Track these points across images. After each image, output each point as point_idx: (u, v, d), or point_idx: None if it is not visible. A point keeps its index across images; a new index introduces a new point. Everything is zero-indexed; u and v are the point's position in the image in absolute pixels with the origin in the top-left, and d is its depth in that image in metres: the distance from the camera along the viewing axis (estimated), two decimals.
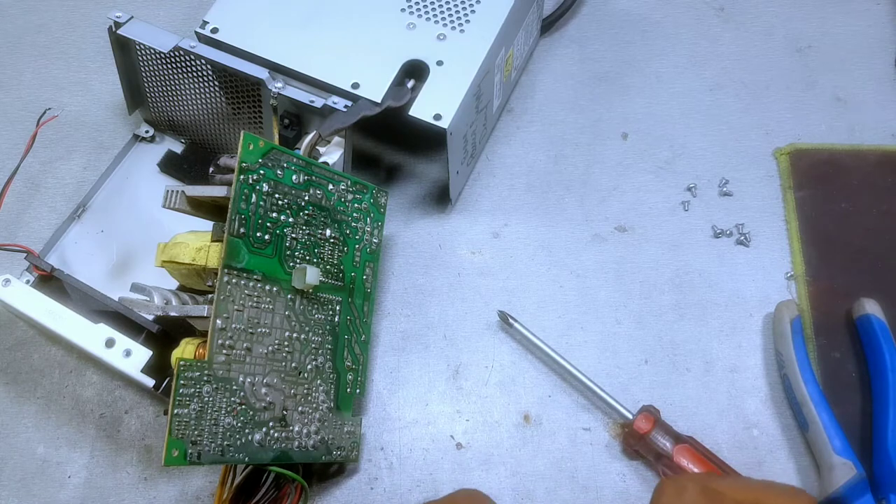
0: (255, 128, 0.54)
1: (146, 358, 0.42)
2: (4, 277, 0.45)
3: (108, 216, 0.56)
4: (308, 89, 0.51)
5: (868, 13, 0.65)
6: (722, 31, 0.65)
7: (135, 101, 0.57)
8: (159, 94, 0.56)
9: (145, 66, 0.55)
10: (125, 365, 0.42)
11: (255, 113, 0.53)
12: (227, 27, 0.53)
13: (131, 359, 0.42)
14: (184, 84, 0.54)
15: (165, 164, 0.57)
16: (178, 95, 0.55)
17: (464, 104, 0.50)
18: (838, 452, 0.45)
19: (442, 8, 0.54)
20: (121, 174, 0.57)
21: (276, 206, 0.43)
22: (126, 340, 0.43)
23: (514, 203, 0.58)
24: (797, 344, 0.49)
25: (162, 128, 0.59)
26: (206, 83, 0.53)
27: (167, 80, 0.54)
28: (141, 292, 0.41)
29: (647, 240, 0.56)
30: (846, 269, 0.53)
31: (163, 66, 0.54)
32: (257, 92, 0.51)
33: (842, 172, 0.57)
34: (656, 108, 0.61)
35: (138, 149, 0.58)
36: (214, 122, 0.56)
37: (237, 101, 0.53)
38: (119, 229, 0.55)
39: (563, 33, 0.65)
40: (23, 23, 0.67)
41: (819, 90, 0.61)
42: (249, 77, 0.50)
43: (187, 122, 0.57)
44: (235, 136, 0.55)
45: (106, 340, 0.43)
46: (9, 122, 0.62)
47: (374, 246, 0.49)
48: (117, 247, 0.54)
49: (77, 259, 0.53)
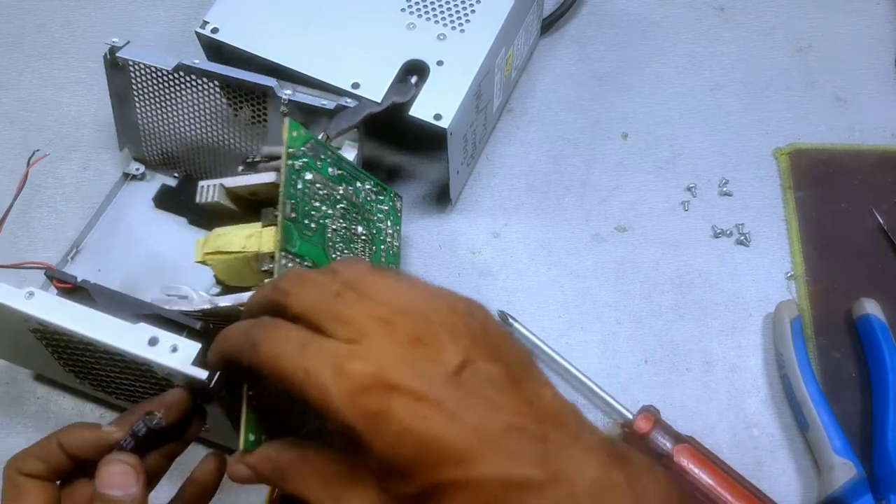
0: (259, 140, 0.52)
1: (195, 351, 0.39)
2: (27, 290, 0.42)
3: (104, 256, 0.54)
4: (316, 92, 0.50)
5: (868, 13, 0.65)
6: (722, 31, 0.65)
7: (126, 135, 0.56)
8: (154, 124, 0.54)
9: (140, 94, 0.53)
10: (173, 361, 0.39)
11: (260, 124, 0.52)
12: (227, 27, 0.53)
13: (179, 353, 0.39)
14: (183, 107, 0.53)
15: (161, 200, 0.56)
16: (175, 121, 0.54)
17: (464, 104, 0.50)
18: (838, 452, 0.45)
19: (442, 8, 0.54)
20: (112, 213, 0.56)
21: (317, 195, 0.43)
22: (171, 336, 0.40)
23: (514, 203, 0.58)
24: (797, 344, 0.49)
25: (153, 164, 0.57)
26: (207, 101, 0.52)
27: (164, 105, 0.53)
28: (174, 293, 0.40)
29: (647, 240, 0.56)
30: (846, 269, 0.53)
31: (160, 90, 0.52)
32: (264, 102, 0.51)
33: (842, 172, 0.57)
34: (656, 108, 0.61)
35: (129, 187, 0.57)
36: (214, 144, 0.54)
37: (241, 116, 0.52)
38: (116, 267, 0.53)
39: (563, 33, 0.65)
40: (23, 23, 0.67)
41: (819, 90, 0.61)
42: (258, 87, 0.50)
43: (183, 151, 0.55)
44: (236, 156, 0.53)
45: (149, 339, 0.39)
46: (9, 122, 0.62)
47: (396, 248, 0.49)
48: (119, 284, 0.52)
49: None
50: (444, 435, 0.27)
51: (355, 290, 0.30)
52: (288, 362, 0.28)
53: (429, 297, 0.30)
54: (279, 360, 0.29)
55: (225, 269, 0.42)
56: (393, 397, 0.27)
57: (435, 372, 0.28)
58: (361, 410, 0.27)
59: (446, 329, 0.29)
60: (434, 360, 0.28)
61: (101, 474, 0.34)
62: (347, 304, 0.29)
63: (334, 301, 0.30)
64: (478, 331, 0.29)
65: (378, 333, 0.28)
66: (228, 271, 0.42)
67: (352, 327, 0.29)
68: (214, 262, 0.41)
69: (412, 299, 0.30)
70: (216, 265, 0.42)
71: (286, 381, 0.28)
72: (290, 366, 0.28)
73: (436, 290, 0.31)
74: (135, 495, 0.34)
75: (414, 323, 0.29)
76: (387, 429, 0.27)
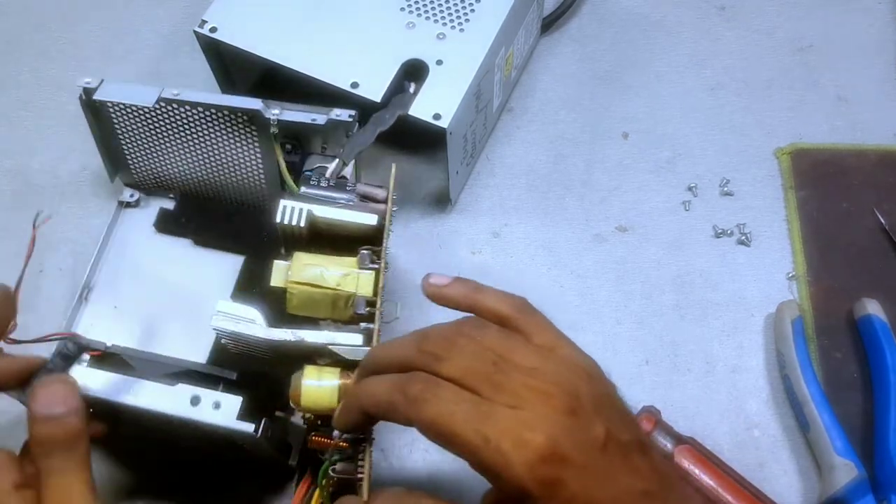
0: (252, 161, 0.51)
1: (238, 404, 0.40)
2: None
3: (117, 290, 0.52)
4: (304, 108, 0.48)
5: (869, 12, 0.65)
6: (723, 31, 0.65)
7: (114, 166, 0.54)
8: (142, 153, 0.53)
9: (123, 128, 0.51)
10: (218, 418, 0.40)
11: (250, 146, 0.50)
12: (225, 26, 0.53)
13: (222, 410, 0.40)
14: (170, 136, 0.51)
15: (162, 224, 0.54)
16: (164, 150, 0.52)
17: (463, 104, 0.50)
18: (840, 453, 0.45)
19: (442, 7, 0.54)
20: (116, 245, 0.54)
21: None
22: (211, 393, 0.40)
23: (514, 203, 0.57)
24: (798, 344, 0.49)
25: (147, 188, 0.55)
26: (195, 128, 0.50)
27: (150, 136, 0.51)
28: (232, 320, 0.39)
29: (648, 240, 0.56)
30: (848, 269, 0.53)
31: (145, 123, 0.50)
32: (251, 124, 0.48)
33: (843, 172, 0.57)
34: (657, 108, 0.61)
35: (126, 216, 0.55)
36: (207, 168, 0.52)
37: (231, 138, 0.50)
38: (132, 300, 0.52)
39: (563, 32, 0.65)
40: (21, 21, 0.67)
41: (820, 90, 0.61)
42: (243, 110, 0.47)
43: (176, 175, 0.54)
44: (232, 174, 0.52)
45: (191, 399, 0.40)
46: (8, 122, 0.62)
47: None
48: (139, 318, 0.51)
49: (104, 338, 0.46)
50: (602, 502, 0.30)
51: (504, 358, 0.33)
52: (463, 426, 0.30)
53: (568, 366, 0.33)
54: (450, 421, 0.30)
55: (305, 299, 0.41)
56: (564, 467, 0.30)
57: (591, 444, 0.31)
58: (539, 478, 0.29)
59: (591, 402, 0.32)
60: (587, 433, 0.31)
61: (41, 395, 0.34)
62: (503, 373, 0.32)
63: (492, 370, 0.32)
64: (607, 399, 0.33)
65: (538, 404, 0.31)
66: (306, 302, 0.41)
67: (511, 396, 0.31)
68: (297, 290, 0.41)
69: (557, 370, 0.33)
70: (297, 294, 0.41)
71: (457, 442, 0.30)
72: (465, 429, 0.30)
73: (568, 353, 0.34)
74: (78, 408, 0.35)
75: (567, 395, 0.31)
76: (560, 495, 0.29)
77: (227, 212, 0.54)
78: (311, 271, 0.41)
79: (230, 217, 0.54)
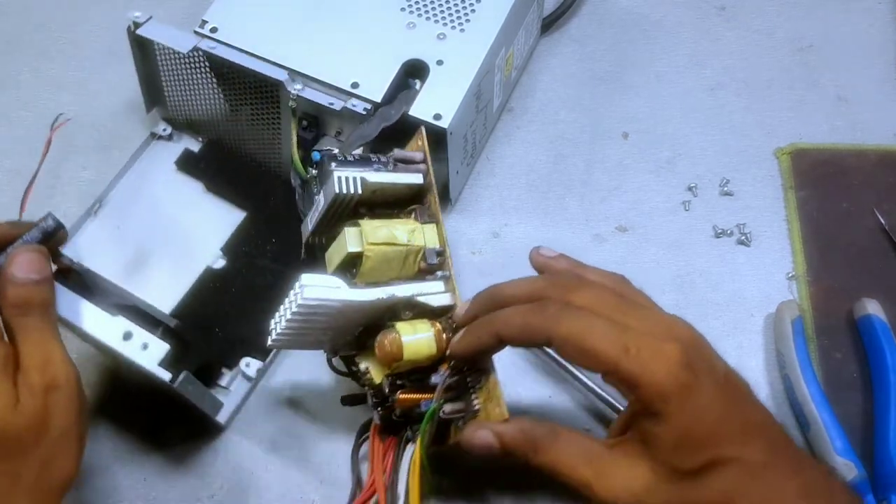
0: (272, 128, 0.53)
1: (163, 352, 0.41)
2: None
3: (125, 213, 0.56)
4: (327, 91, 0.51)
5: (869, 12, 0.65)
6: (723, 31, 0.65)
7: (152, 99, 0.58)
8: (178, 93, 0.56)
9: (164, 66, 0.55)
10: (141, 358, 0.41)
11: (272, 113, 0.53)
12: (226, 26, 0.53)
13: (148, 352, 0.41)
14: (202, 84, 0.54)
15: (183, 164, 0.58)
16: (196, 95, 0.55)
17: (464, 104, 0.50)
18: (839, 453, 0.45)
19: (442, 7, 0.54)
20: (138, 171, 0.58)
21: None
22: (144, 333, 0.42)
23: (514, 203, 0.57)
24: (798, 344, 0.49)
25: (179, 126, 0.59)
26: (224, 84, 0.53)
27: (186, 79, 0.55)
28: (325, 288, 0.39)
29: (648, 240, 0.56)
30: (847, 269, 0.53)
31: (182, 66, 0.54)
32: (276, 93, 0.51)
33: (843, 172, 0.57)
34: (657, 108, 0.61)
35: (155, 147, 0.59)
36: (232, 121, 0.56)
37: (255, 102, 0.53)
38: (135, 226, 0.55)
39: (563, 32, 0.65)
40: (21, 21, 0.67)
41: (820, 89, 0.61)
42: (268, 79, 0.50)
43: (205, 121, 0.57)
44: (254, 135, 0.55)
45: (123, 333, 0.42)
46: (8, 121, 0.62)
47: None
48: (134, 243, 0.54)
49: (93, 254, 0.53)
50: (732, 420, 0.33)
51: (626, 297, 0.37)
52: (602, 338, 0.33)
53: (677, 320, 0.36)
54: (590, 334, 0.33)
55: (379, 260, 0.42)
56: (698, 377, 0.32)
57: (715, 372, 0.34)
58: (679, 382, 0.32)
59: (706, 346, 0.35)
60: (710, 362, 0.34)
61: (18, 261, 0.38)
62: (629, 305, 0.35)
63: (618, 300, 0.36)
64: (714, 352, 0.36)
65: (665, 331, 0.34)
66: (380, 263, 0.42)
67: (640, 321, 0.34)
68: (373, 252, 0.42)
69: (673, 317, 0.36)
70: (373, 256, 0.42)
71: (596, 354, 0.33)
72: (604, 341, 0.33)
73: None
74: (51, 278, 0.39)
75: (687, 330, 0.35)
76: (696, 402, 0.32)
77: (243, 167, 0.57)
78: (383, 232, 0.42)
79: (244, 173, 0.57)
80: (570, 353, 0.34)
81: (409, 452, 0.42)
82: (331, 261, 0.43)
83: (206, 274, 0.53)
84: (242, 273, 0.53)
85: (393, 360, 0.40)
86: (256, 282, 0.52)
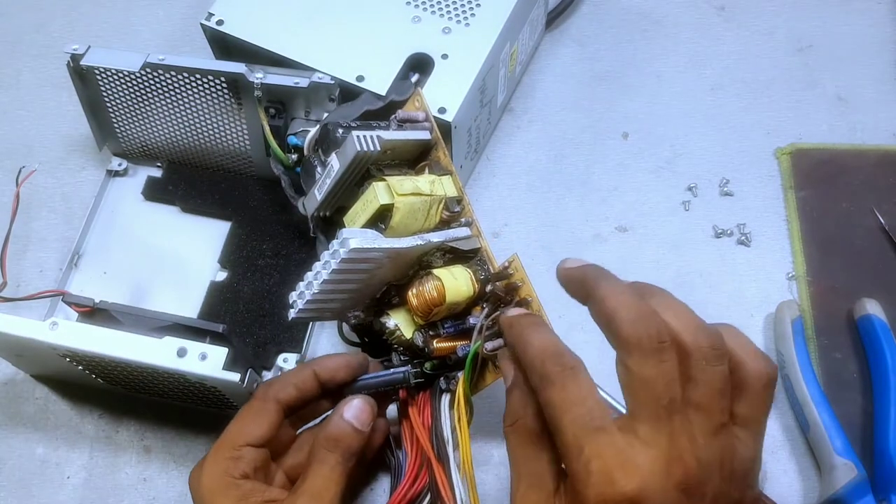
0: (238, 126, 0.52)
1: (224, 355, 0.41)
2: (51, 321, 0.42)
3: (106, 257, 0.55)
4: (288, 72, 0.49)
5: (869, 13, 0.65)
6: (723, 31, 0.65)
7: (103, 134, 0.56)
8: (130, 121, 0.54)
9: (112, 94, 0.53)
10: (204, 368, 0.40)
11: (237, 111, 0.52)
12: (232, 19, 0.53)
13: (209, 361, 0.41)
14: (157, 104, 0.52)
15: (150, 192, 0.56)
16: (150, 116, 0.53)
17: (468, 98, 0.50)
18: (839, 453, 0.45)
19: (447, 1, 0.54)
20: (105, 213, 0.56)
21: None
22: (196, 345, 0.41)
23: (514, 203, 0.57)
24: (798, 344, 0.49)
25: (134, 157, 0.57)
26: (181, 94, 0.51)
27: (138, 102, 0.53)
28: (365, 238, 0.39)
29: (648, 240, 0.56)
30: (847, 269, 0.53)
31: (133, 89, 0.52)
32: (237, 89, 0.50)
33: (843, 172, 0.57)
34: (657, 108, 0.61)
35: (115, 183, 0.57)
36: (193, 134, 0.54)
37: (215, 104, 0.52)
38: (122, 267, 0.54)
39: (563, 32, 0.65)
40: (21, 21, 0.67)
41: (820, 90, 0.61)
42: (227, 74, 0.49)
43: (163, 144, 0.55)
44: (218, 143, 0.54)
45: (177, 350, 0.41)
46: (7, 121, 0.62)
47: None
48: (128, 283, 0.53)
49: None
50: None
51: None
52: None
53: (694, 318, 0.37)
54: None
55: (408, 211, 0.42)
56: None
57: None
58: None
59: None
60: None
61: (353, 404, 0.41)
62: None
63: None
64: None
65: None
66: (408, 216, 0.43)
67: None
68: (402, 203, 0.42)
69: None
70: (402, 207, 0.42)
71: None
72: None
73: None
74: (366, 435, 0.41)
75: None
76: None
77: (213, 179, 0.56)
78: (408, 184, 0.43)
79: (217, 184, 0.56)
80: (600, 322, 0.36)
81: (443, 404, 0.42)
82: (354, 221, 0.43)
83: (212, 288, 0.52)
84: (247, 277, 0.52)
85: (434, 305, 0.41)
86: (264, 282, 0.52)
